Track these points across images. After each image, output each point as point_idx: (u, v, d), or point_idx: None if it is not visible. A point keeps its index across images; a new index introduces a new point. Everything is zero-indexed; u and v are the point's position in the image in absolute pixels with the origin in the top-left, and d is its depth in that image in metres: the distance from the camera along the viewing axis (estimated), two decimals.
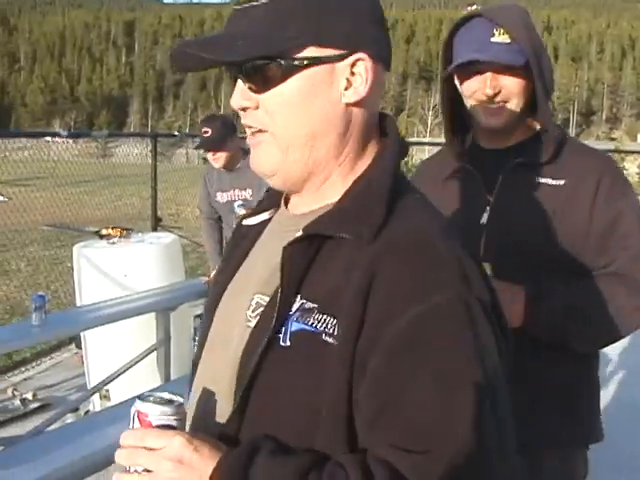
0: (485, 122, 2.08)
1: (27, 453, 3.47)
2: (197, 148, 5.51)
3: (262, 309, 1.22)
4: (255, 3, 1.15)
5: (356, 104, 1.19)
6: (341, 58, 1.16)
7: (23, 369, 6.63)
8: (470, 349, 1.09)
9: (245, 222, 1.42)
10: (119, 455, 1.13)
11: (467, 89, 2.08)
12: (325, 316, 1.13)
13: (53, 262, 10.67)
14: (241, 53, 1.14)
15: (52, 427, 4.65)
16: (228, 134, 5.04)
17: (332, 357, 1.11)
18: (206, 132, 5.03)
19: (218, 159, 5.10)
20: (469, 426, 1.05)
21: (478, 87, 2.04)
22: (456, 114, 2.21)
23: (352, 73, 1.18)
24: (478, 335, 1.10)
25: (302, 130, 1.18)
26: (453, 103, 2.19)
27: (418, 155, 34.58)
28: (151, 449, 1.11)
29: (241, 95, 1.20)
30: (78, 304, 5.47)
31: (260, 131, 1.21)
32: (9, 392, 5.85)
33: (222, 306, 1.36)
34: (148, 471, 1.11)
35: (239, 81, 1.21)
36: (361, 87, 1.18)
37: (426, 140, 65.62)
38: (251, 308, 1.24)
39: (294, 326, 1.15)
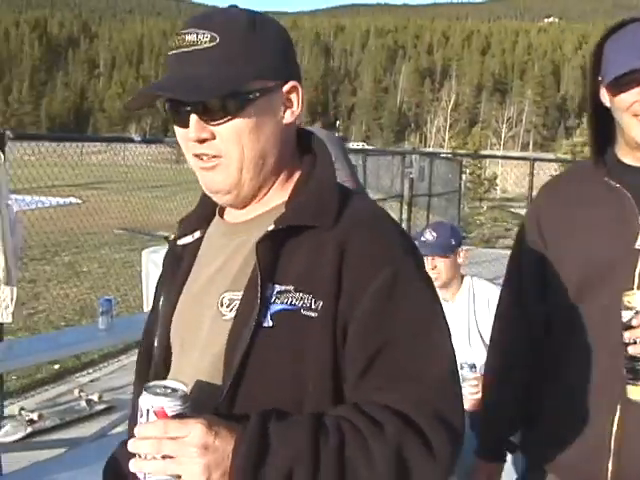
0: None
1: (91, 455, 3.49)
2: None
3: (237, 302, 1.38)
4: (200, 47, 1.33)
5: (289, 124, 1.41)
6: (279, 87, 1.38)
7: (91, 370, 6.71)
8: (434, 302, 1.38)
9: (180, 242, 1.57)
10: (139, 446, 1.23)
11: (622, 101, 1.86)
12: (301, 294, 1.33)
13: (124, 265, 10.82)
14: (208, 93, 1.33)
15: (116, 430, 4.68)
16: None
17: (314, 328, 1.31)
18: None
19: None
20: (441, 361, 1.33)
21: (637, 99, 1.83)
22: (597, 128, 2.02)
23: (288, 99, 1.40)
24: (432, 285, 1.41)
25: (254, 152, 1.38)
26: (598, 116, 1.99)
27: (492, 168, 34.34)
28: (174, 438, 1.21)
29: (198, 129, 1.35)
30: (145, 309, 5.51)
31: (215, 156, 1.38)
32: (76, 393, 5.92)
33: (180, 315, 1.52)
34: (168, 456, 1.21)
35: (192, 116, 1.36)
36: (296, 109, 1.41)
37: (499, 153, 64.98)
38: (224, 305, 1.41)
39: (273, 308, 1.34)
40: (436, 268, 3.77)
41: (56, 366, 6.60)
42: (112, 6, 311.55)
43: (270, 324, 1.33)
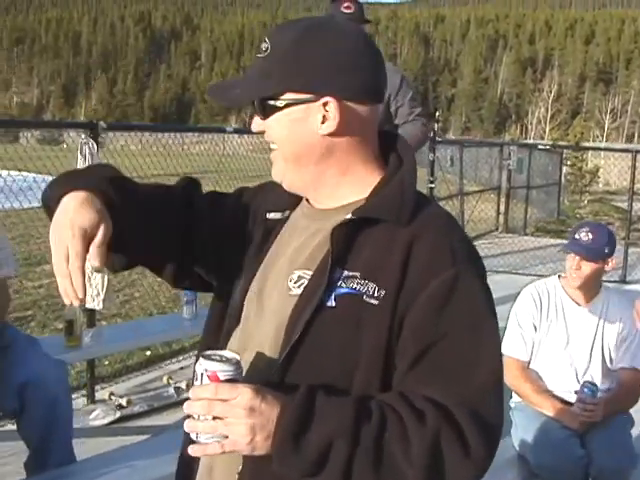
0: None
1: (172, 443, 3.50)
2: None
3: (306, 280, 1.51)
4: (260, 55, 1.53)
5: (333, 134, 1.51)
6: (312, 100, 1.49)
7: (181, 358, 6.78)
8: (489, 311, 1.46)
9: (269, 216, 1.69)
10: (193, 406, 1.33)
11: None
12: (366, 281, 1.43)
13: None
14: (239, 99, 1.58)
15: None
16: None
17: (373, 315, 1.41)
18: None
19: None
20: (488, 367, 1.40)
21: None
22: None
23: (326, 111, 1.49)
24: (489, 293, 1.48)
25: (289, 151, 1.54)
26: None
27: (594, 160, 33.48)
28: (225, 400, 1.32)
29: (255, 121, 1.57)
30: None
31: (272, 149, 1.58)
32: (164, 380, 5.99)
33: (255, 285, 1.63)
34: (217, 418, 1.32)
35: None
36: (332, 123, 1.49)
37: (602, 145, 63.34)
38: (292, 281, 1.53)
39: (338, 290, 1.45)
40: (580, 269, 3.66)
41: (147, 353, 6.70)
42: None
43: (333, 304, 1.45)
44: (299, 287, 1.51)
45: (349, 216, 1.49)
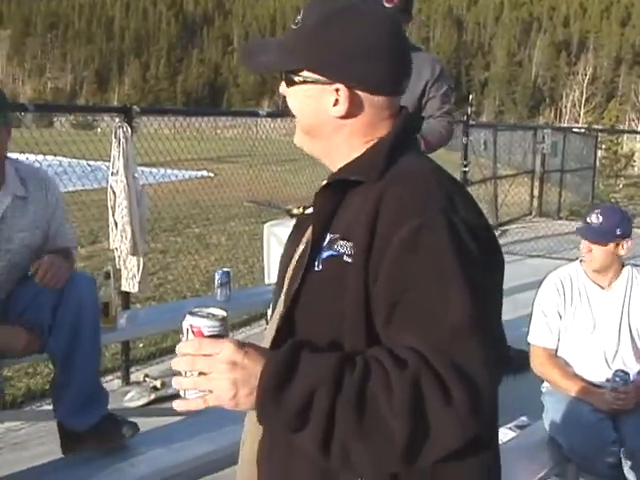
0: None
1: (206, 424, 3.54)
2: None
3: (302, 248, 1.62)
4: (292, 27, 1.61)
5: (344, 117, 1.58)
6: (325, 83, 1.57)
7: None
8: (458, 259, 1.40)
9: (308, 212, 1.72)
10: (178, 363, 1.37)
11: None
12: (344, 241, 1.48)
13: (252, 237, 10.87)
14: (262, 67, 1.68)
15: None
16: None
17: (351, 273, 1.45)
18: None
19: None
20: (457, 313, 1.36)
21: None
22: None
23: (338, 96, 1.56)
24: (463, 245, 1.42)
25: (303, 122, 1.65)
26: None
27: (630, 144, 33.08)
28: (207, 355, 1.34)
29: (283, 86, 1.65)
30: (266, 281, 5.55)
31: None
32: None
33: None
34: (202, 374, 1.34)
35: None
36: (342, 107, 1.57)
37: (639, 129, 62.51)
38: (297, 253, 1.65)
39: (324, 254, 1.51)
40: (591, 253, 3.65)
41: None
42: None
43: (320, 268, 1.51)
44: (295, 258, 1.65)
45: (324, 182, 1.60)
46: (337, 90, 1.56)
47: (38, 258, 3.20)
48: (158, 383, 5.49)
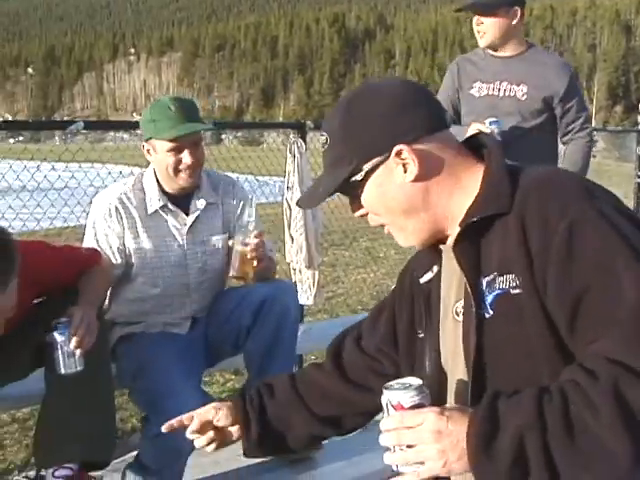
0: None
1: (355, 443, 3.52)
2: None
3: (463, 304, 1.56)
4: (324, 150, 1.65)
5: (420, 176, 1.56)
6: (385, 158, 1.56)
7: None
8: (614, 239, 1.35)
9: (423, 280, 1.74)
10: (385, 439, 1.38)
11: None
12: (505, 276, 1.45)
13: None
14: (324, 193, 1.64)
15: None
16: None
17: (524, 303, 1.41)
18: None
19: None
20: (635, 295, 1.29)
21: None
22: None
23: (403, 160, 1.55)
24: (618, 226, 1.37)
25: (396, 214, 1.60)
26: None
27: None
28: (411, 427, 1.34)
29: (354, 209, 1.66)
30: None
31: (382, 225, 1.66)
32: None
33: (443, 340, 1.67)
34: (409, 446, 1.34)
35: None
36: (413, 166, 1.55)
37: None
38: (458, 313, 1.59)
39: (489, 298, 1.47)
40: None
41: None
42: None
43: (490, 313, 1.48)
44: (461, 314, 1.59)
45: (457, 230, 1.55)
46: (398, 155, 1.55)
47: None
48: None
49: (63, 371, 2.64)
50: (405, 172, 1.56)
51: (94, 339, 2.71)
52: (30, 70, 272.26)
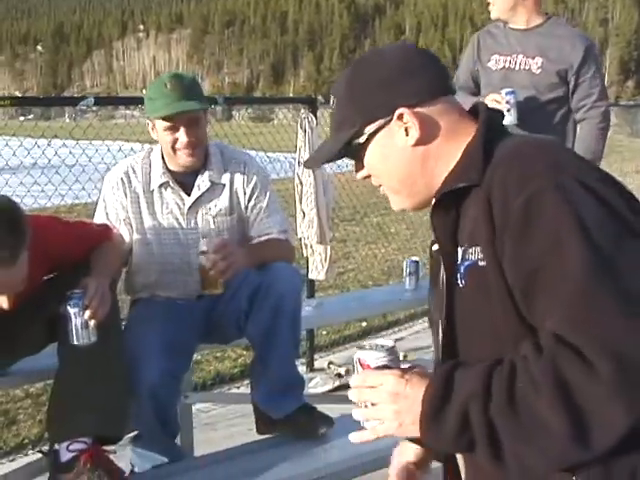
0: None
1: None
2: None
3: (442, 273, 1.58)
4: (331, 111, 1.70)
5: (421, 140, 1.57)
6: (388, 121, 1.58)
7: (396, 329, 6.84)
8: (575, 213, 1.30)
9: (434, 248, 1.71)
10: (351, 394, 1.45)
11: None
12: (473, 248, 1.45)
13: (430, 227, 10.77)
14: (329, 155, 1.69)
15: None
16: None
17: (488, 276, 1.41)
18: None
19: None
20: (577, 277, 1.26)
21: None
22: None
23: (405, 123, 1.56)
24: (575, 199, 1.33)
25: (394, 177, 1.63)
26: None
27: None
28: (373, 387, 1.41)
29: (357, 170, 1.69)
30: None
31: (380, 185, 1.68)
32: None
33: None
34: (373, 405, 1.41)
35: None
36: (415, 129, 1.56)
37: None
38: (442, 281, 1.59)
39: (461, 269, 1.49)
40: None
41: (363, 324, 6.79)
42: None
43: (463, 283, 1.50)
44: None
45: (432, 201, 1.60)
46: (400, 118, 1.57)
47: (239, 244, 3.26)
48: (342, 370, 5.53)
49: (76, 342, 2.65)
50: (407, 135, 1.57)
51: (108, 310, 2.72)
52: (39, 48, 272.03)
